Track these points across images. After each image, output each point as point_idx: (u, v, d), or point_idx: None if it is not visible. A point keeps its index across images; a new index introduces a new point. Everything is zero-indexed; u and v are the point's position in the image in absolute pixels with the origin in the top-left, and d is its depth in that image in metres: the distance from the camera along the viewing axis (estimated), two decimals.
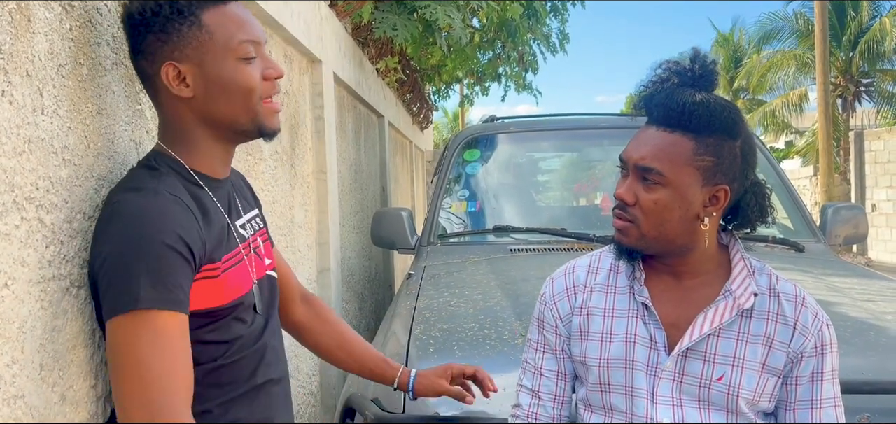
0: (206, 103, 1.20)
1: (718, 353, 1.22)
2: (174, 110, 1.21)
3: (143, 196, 1.12)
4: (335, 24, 3.78)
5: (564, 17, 7.23)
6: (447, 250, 3.03)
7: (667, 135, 1.20)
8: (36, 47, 1.09)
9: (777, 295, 1.25)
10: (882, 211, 13.67)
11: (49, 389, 1.11)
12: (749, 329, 1.23)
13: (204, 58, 1.18)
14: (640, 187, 1.22)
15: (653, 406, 1.23)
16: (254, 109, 1.22)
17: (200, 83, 1.18)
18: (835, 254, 3.01)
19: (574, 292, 1.35)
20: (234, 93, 1.20)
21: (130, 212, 1.10)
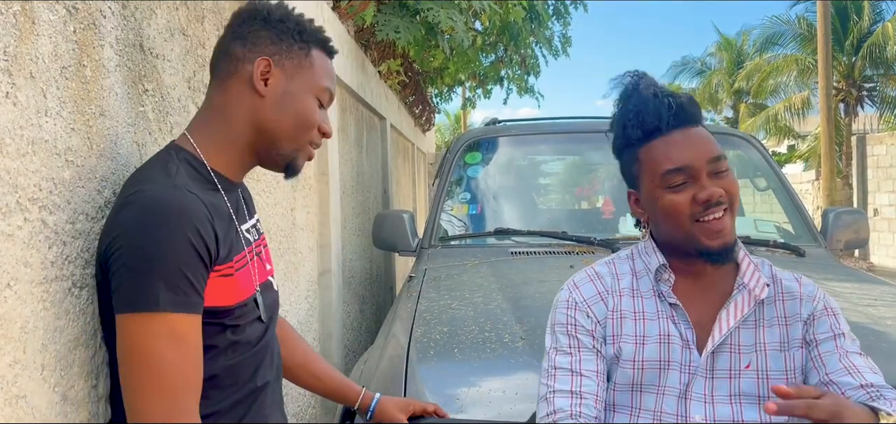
0: (270, 110, 1.25)
1: (742, 343, 1.27)
2: (236, 100, 1.25)
3: (162, 189, 1.12)
4: (338, 27, 3.78)
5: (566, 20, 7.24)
6: (448, 252, 3.03)
7: (700, 128, 1.29)
8: (40, 49, 1.10)
9: (779, 281, 1.33)
10: (884, 215, 13.66)
11: (50, 389, 1.11)
12: (763, 315, 1.30)
13: (294, 75, 1.27)
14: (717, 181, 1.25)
15: (684, 403, 1.26)
16: (299, 142, 1.29)
17: (277, 91, 1.25)
18: (836, 259, 3.01)
19: (606, 295, 1.34)
20: (298, 119, 1.27)
21: (151, 206, 1.10)
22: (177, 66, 1.64)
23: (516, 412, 1.60)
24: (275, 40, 1.26)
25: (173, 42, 1.63)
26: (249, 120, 1.25)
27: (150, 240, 1.08)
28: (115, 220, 1.13)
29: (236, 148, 1.26)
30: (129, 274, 1.07)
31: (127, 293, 1.07)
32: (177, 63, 1.64)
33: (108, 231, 1.14)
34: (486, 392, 1.67)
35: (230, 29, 1.29)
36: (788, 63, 19.79)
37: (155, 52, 1.52)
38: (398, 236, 3.20)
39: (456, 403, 1.66)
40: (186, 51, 1.71)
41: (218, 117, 1.25)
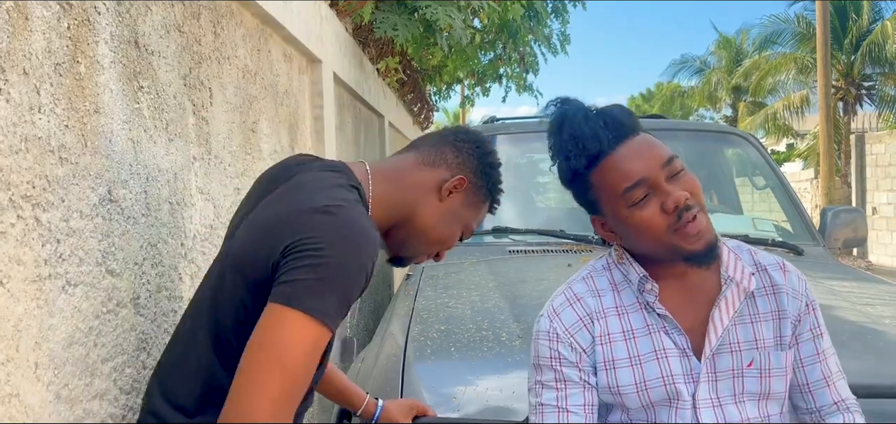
0: (436, 215, 1.37)
1: (741, 340, 1.23)
2: (421, 185, 1.37)
3: (361, 217, 1.18)
4: (335, 24, 3.77)
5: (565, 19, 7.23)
6: None
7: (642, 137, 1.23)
8: (33, 45, 1.09)
9: (764, 269, 1.29)
10: (882, 214, 13.66)
11: (44, 388, 1.10)
12: (756, 308, 1.26)
13: (468, 206, 1.41)
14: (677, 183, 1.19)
15: (694, 412, 1.22)
16: (429, 250, 1.42)
17: (451, 207, 1.38)
18: (834, 258, 3.01)
19: (590, 321, 1.27)
20: (445, 235, 1.40)
21: (355, 228, 1.14)
22: (172, 62, 1.64)
23: (513, 410, 1.60)
24: (479, 175, 1.41)
25: (169, 39, 1.62)
26: (417, 207, 1.36)
27: (347, 259, 1.11)
28: (311, 222, 1.13)
29: (388, 212, 1.34)
30: (314, 275, 1.08)
31: (301, 290, 1.08)
32: (172, 60, 1.64)
33: (297, 227, 1.13)
34: (483, 390, 1.67)
35: (457, 132, 1.45)
36: (787, 61, 19.80)
37: (150, 48, 1.51)
38: None
39: (453, 401, 1.66)
40: (182, 48, 1.70)
41: (399, 183, 1.36)
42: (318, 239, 1.10)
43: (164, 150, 1.57)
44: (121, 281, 1.36)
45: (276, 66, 2.64)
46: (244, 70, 2.22)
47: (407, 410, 1.60)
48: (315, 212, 1.14)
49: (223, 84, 2.01)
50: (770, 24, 20.32)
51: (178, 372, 1.24)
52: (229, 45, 2.08)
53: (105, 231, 1.30)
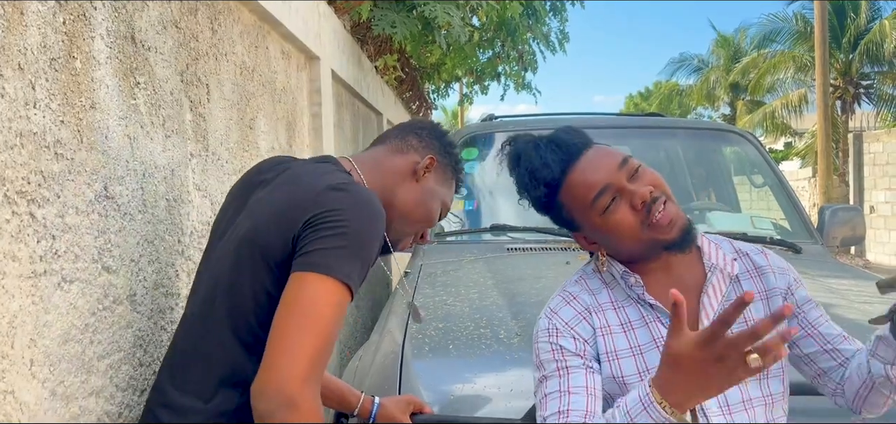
0: (415, 194, 1.47)
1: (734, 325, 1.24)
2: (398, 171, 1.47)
3: (373, 194, 1.30)
4: (334, 22, 3.77)
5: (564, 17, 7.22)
6: (444, 249, 3.02)
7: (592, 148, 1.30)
8: (29, 40, 1.08)
9: (746, 254, 1.33)
10: (880, 213, 13.67)
11: (39, 385, 1.10)
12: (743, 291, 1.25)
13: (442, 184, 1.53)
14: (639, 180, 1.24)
15: None
16: (414, 229, 1.51)
17: (427, 185, 1.49)
18: (832, 256, 3.01)
19: (589, 314, 1.29)
20: (427, 213, 1.50)
21: (370, 202, 1.26)
22: (169, 59, 1.63)
23: (511, 408, 1.59)
24: (444, 156, 1.54)
25: (166, 35, 1.61)
26: (395, 191, 1.45)
27: (367, 227, 1.22)
28: (329, 197, 1.23)
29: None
30: (338, 243, 1.18)
31: (329, 258, 1.17)
32: (169, 56, 1.63)
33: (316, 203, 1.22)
34: (482, 388, 1.66)
35: (413, 123, 1.59)
36: (786, 60, 19.80)
37: (147, 44, 1.51)
38: None
39: (451, 399, 1.65)
40: (179, 44, 1.69)
41: (379, 171, 1.45)
42: (339, 212, 1.20)
43: (161, 147, 1.56)
44: (117, 278, 1.35)
45: (273, 63, 2.63)
46: (242, 67, 2.21)
47: (404, 406, 1.60)
48: (331, 189, 1.25)
49: (221, 81, 2.00)
50: (768, 23, 20.34)
51: (191, 363, 1.27)
52: (227, 41, 2.07)
53: (101, 227, 1.29)
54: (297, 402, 1.09)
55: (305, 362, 1.11)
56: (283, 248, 1.21)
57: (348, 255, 1.17)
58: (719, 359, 0.99)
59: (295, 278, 1.16)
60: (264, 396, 1.11)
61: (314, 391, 1.12)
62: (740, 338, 0.97)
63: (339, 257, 1.17)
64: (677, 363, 1.03)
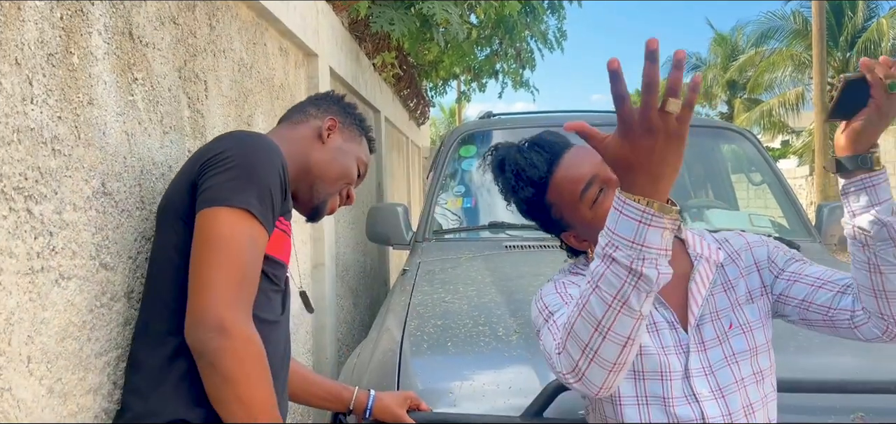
0: (324, 155, 1.53)
1: (719, 308, 1.30)
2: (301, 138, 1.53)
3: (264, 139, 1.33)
4: (332, 19, 3.76)
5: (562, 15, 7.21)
6: (442, 246, 3.02)
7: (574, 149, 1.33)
8: (26, 35, 1.08)
9: (726, 240, 1.38)
10: None
11: (36, 382, 1.09)
12: (727, 277, 1.33)
13: (349, 141, 1.59)
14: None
15: (688, 382, 1.26)
16: (334, 189, 1.55)
17: (334, 144, 1.55)
18: (830, 254, 3.01)
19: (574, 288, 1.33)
20: (341, 170, 1.55)
21: (252, 138, 1.31)
22: (167, 55, 1.62)
23: (510, 405, 1.59)
24: (342, 114, 1.60)
25: (164, 30, 1.61)
26: (307, 156, 1.50)
27: (253, 158, 1.25)
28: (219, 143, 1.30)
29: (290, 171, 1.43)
30: (229, 176, 1.22)
31: (223, 191, 1.21)
32: (167, 52, 1.62)
33: (206, 152, 1.29)
34: (480, 385, 1.66)
35: (309, 98, 1.64)
36: (783, 58, 19.82)
37: (145, 40, 1.50)
38: (392, 229, 3.18)
39: (449, 397, 1.65)
40: (177, 39, 1.69)
41: (286, 143, 1.47)
42: (227, 150, 1.26)
43: (158, 143, 1.56)
44: (115, 275, 1.35)
45: (271, 60, 2.63)
46: (240, 63, 2.21)
47: (401, 401, 1.60)
48: (221, 137, 1.33)
49: (219, 77, 1.99)
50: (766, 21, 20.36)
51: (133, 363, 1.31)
52: (225, 38, 2.07)
53: (99, 224, 1.29)
54: (226, 326, 1.14)
55: (223, 289, 1.15)
56: (187, 197, 1.27)
57: (241, 184, 1.22)
58: (648, 131, 0.94)
59: (198, 218, 1.22)
60: (193, 330, 1.16)
61: (240, 314, 1.16)
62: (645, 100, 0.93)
63: (232, 188, 1.21)
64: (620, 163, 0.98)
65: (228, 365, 1.14)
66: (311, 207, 1.55)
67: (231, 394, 1.14)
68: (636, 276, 0.98)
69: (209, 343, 1.14)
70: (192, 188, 1.27)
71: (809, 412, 1.48)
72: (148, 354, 1.26)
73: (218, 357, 1.14)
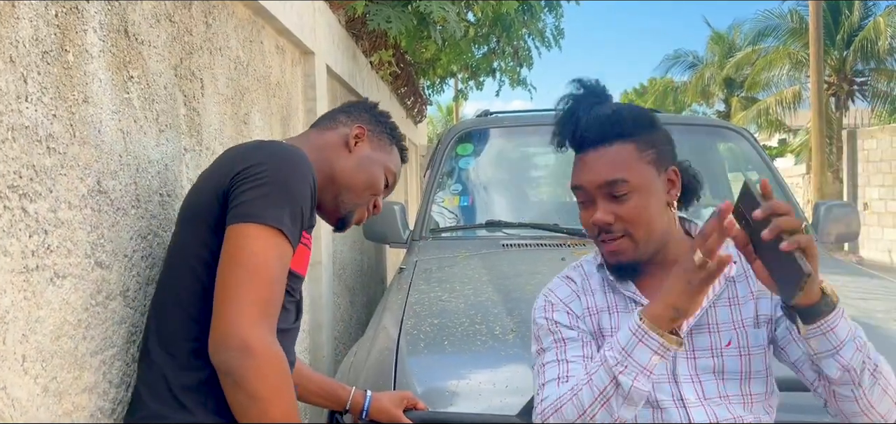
0: (351, 164, 1.50)
1: (720, 321, 1.29)
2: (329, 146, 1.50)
3: (286, 145, 1.33)
4: (329, 16, 3.75)
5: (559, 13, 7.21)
6: (439, 245, 3.01)
7: (609, 148, 1.26)
8: (20, 33, 1.07)
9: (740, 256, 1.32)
10: (874, 209, 13.72)
11: (31, 381, 1.09)
12: (736, 292, 1.31)
13: (377, 149, 1.55)
14: (612, 205, 1.26)
15: (676, 386, 1.27)
16: (361, 200, 1.52)
17: (362, 153, 1.52)
18: (826, 252, 3.01)
19: (580, 294, 1.37)
20: (368, 180, 1.51)
21: (289, 152, 1.29)
22: (163, 52, 1.62)
23: (507, 404, 1.59)
24: (372, 122, 1.56)
25: (160, 28, 1.60)
26: (333, 165, 1.48)
27: (288, 174, 1.25)
28: (252, 153, 1.29)
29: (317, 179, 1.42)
30: (263, 191, 1.22)
31: (256, 207, 1.20)
32: (163, 50, 1.62)
33: (240, 160, 1.28)
34: (477, 384, 1.66)
35: (342, 106, 1.61)
36: (780, 56, 19.83)
37: (140, 38, 1.49)
38: (389, 228, 3.18)
39: (446, 396, 1.65)
40: (173, 37, 1.68)
41: (312, 149, 1.45)
42: (261, 164, 1.25)
43: (154, 141, 1.55)
44: (110, 274, 1.34)
45: (268, 57, 2.62)
46: (236, 61, 2.20)
47: (398, 401, 1.59)
48: (255, 147, 1.32)
49: (215, 75, 1.99)
50: (763, 20, 20.37)
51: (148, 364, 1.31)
52: (221, 35, 2.06)
53: (94, 222, 1.28)
54: (250, 344, 1.13)
55: (249, 306, 1.15)
56: (215, 205, 1.26)
57: (274, 201, 1.21)
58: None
59: (228, 232, 1.21)
60: (218, 348, 1.15)
61: (265, 333, 1.16)
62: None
63: (265, 204, 1.21)
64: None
65: (254, 384, 1.14)
66: (337, 217, 1.52)
67: (256, 412, 1.15)
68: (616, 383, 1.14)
69: (233, 362, 1.14)
70: (222, 197, 1.26)
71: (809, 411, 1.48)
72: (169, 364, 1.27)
73: (243, 376, 1.14)
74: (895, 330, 1.90)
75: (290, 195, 1.23)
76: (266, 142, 1.35)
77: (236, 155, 1.32)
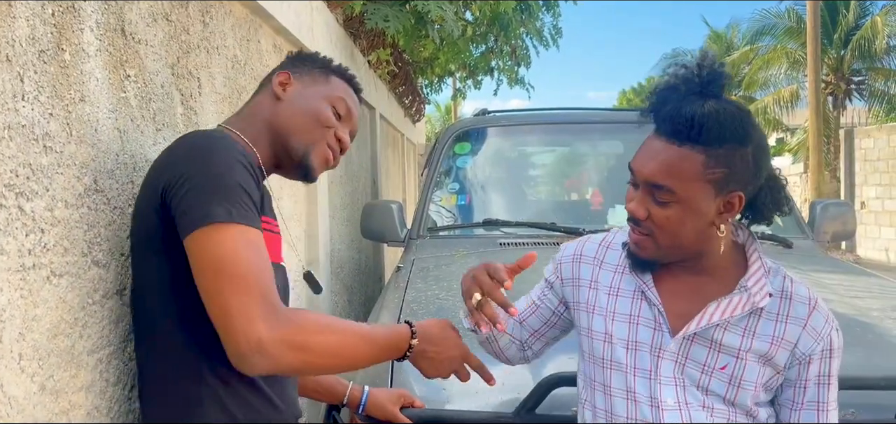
0: (285, 110, 1.41)
1: (724, 343, 1.23)
2: (259, 106, 1.43)
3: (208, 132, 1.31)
4: (326, 15, 3.75)
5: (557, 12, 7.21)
6: (436, 243, 3.02)
7: (676, 149, 1.17)
8: (17, 32, 1.07)
9: (789, 298, 1.25)
10: (871, 208, 13.74)
11: (28, 379, 1.09)
12: (757, 327, 1.23)
13: (310, 86, 1.44)
14: (651, 202, 1.20)
15: (657, 385, 1.25)
16: (311, 138, 1.41)
17: (293, 96, 1.42)
18: (823, 251, 3.02)
19: (580, 260, 1.40)
20: (309, 116, 1.41)
21: (201, 141, 1.25)
22: (160, 52, 1.62)
23: (503, 403, 1.60)
24: (298, 65, 1.47)
25: (156, 27, 1.60)
26: (268, 119, 1.40)
27: (210, 163, 1.19)
28: (168, 165, 1.23)
29: (262, 139, 1.39)
30: (197, 194, 1.16)
31: (198, 211, 1.15)
32: (160, 49, 1.62)
33: (162, 173, 1.22)
34: (473, 382, 1.66)
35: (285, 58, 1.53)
36: (778, 55, 19.84)
37: (137, 37, 1.50)
38: (387, 226, 3.18)
39: (443, 394, 1.65)
40: (170, 36, 1.68)
41: (245, 119, 1.41)
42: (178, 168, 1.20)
43: (151, 140, 1.55)
44: (107, 272, 1.34)
45: (265, 56, 2.62)
46: (233, 60, 2.20)
47: (395, 399, 1.60)
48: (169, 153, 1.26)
49: (212, 74, 1.99)
50: (761, 19, 20.38)
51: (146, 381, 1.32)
52: (218, 34, 2.06)
53: (91, 221, 1.29)
54: (263, 343, 1.11)
55: (243, 309, 1.11)
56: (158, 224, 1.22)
57: (209, 197, 1.16)
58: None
59: (187, 247, 1.16)
60: (242, 365, 1.13)
61: (272, 319, 1.12)
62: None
63: (208, 203, 1.15)
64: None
65: (300, 360, 1.15)
66: (297, 166, 1.43)
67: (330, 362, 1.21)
68: None
69: (264, 363, 1.12)
70: (160, 212, 1.22)
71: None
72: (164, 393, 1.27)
73: (286, 366, 1.16)
74: (890, 327, 1.91)
75: (223, 183, 1.17)
76: (179, 144, 1.27)
77: (158, 167, 1.26)
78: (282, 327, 1.13)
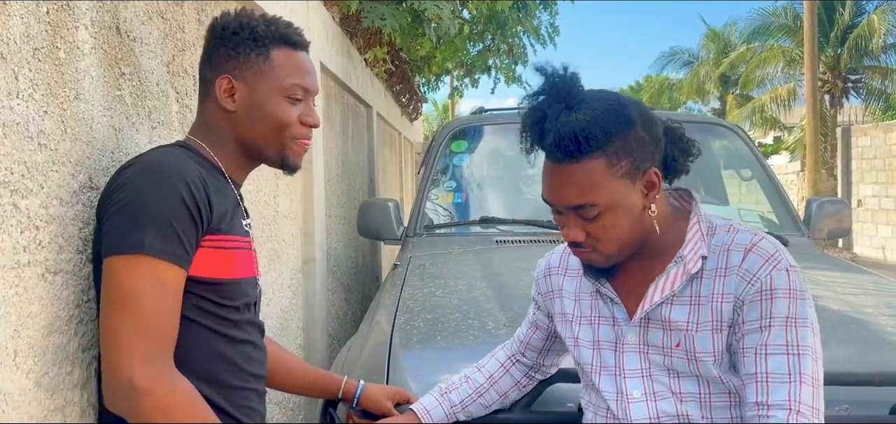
0: (243, 122, 1.31)
1: (673, 320, 1.22)
2: (215, 117, 1.32)
3: (160, 153, 1.23)
4: (323, 14, 3.75)
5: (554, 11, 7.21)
6: (433, 241, 3.02)
7: (577, 166, 1.16)
8: (11, 30, 1.07)
9: (727, 249, 1.21)
10: (867, 206, 13.77)
11: (23, 376, 1.09)
12: (700, 291, 1.21)
13: (257, 84, 1.30)
14: (582, 222, 1.20)
15: (622, 380, 1.26)
16: (282, 143, 1.33)
17: (245, 103, 1.30)
18: (819, 248, 3.03)
19: (549, 273, 1.46)
20: (271, 122, 1.31)
21: (147, 165, 1.18)
22: (155, 49, 1.62)
23: None
24: (231, 55, 1.30)
25: (151, 25, 1.60)
26: (230, 134, 1.32)
27: (143, 191, 1.14)
28: (112, 181, 1.20)
29: (230, 154, 1.33)
30: (119, 219, 1.13)
31: (115, 236, 1.12)
32: (155, 47, 1.62)
33: (105, 191, 1.20)
34: None
35: (203, 51, 1.35)
36: (775, 54, 19.88)
37: (132, 34, 1.50)
38: (383, 224, 3.18)
39: None
40: (165, 34, 1.68)
41: (206, 131, 1.33)
42: (114, 191, 1.17)
43: (146, 138, 1.55)
44: None
45: None
46: None
47: (390, 395, 1.60)
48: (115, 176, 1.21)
49: None
50: (758, 18, 20.41)
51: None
52: None
53: (86, 218, 1.29)
54: (137, 384, 1.07)
55: (129, 345, 1.08)
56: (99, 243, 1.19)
57: (130, 224, 1.11)
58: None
59: (103, 266, 1.13)
60: (109, 396, 1.12)
61: (156, 368, 1.09)
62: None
63: (123, 231, 1.11)
64: None
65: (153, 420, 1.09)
66: (276, 164, 1.37)
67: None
68: None
69: (124, 404, 1.10)
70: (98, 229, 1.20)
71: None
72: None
73: (141, 417, 1.09)
74: (884, 324, 1.91)
75: (147, 213, 1.12)
76: (133, 161, 1.22)
77: (109, 181, 1.23)
78: (156, 380, 1.08)
